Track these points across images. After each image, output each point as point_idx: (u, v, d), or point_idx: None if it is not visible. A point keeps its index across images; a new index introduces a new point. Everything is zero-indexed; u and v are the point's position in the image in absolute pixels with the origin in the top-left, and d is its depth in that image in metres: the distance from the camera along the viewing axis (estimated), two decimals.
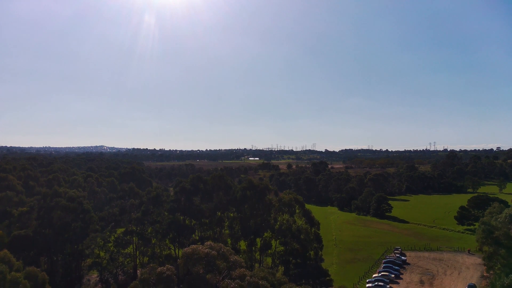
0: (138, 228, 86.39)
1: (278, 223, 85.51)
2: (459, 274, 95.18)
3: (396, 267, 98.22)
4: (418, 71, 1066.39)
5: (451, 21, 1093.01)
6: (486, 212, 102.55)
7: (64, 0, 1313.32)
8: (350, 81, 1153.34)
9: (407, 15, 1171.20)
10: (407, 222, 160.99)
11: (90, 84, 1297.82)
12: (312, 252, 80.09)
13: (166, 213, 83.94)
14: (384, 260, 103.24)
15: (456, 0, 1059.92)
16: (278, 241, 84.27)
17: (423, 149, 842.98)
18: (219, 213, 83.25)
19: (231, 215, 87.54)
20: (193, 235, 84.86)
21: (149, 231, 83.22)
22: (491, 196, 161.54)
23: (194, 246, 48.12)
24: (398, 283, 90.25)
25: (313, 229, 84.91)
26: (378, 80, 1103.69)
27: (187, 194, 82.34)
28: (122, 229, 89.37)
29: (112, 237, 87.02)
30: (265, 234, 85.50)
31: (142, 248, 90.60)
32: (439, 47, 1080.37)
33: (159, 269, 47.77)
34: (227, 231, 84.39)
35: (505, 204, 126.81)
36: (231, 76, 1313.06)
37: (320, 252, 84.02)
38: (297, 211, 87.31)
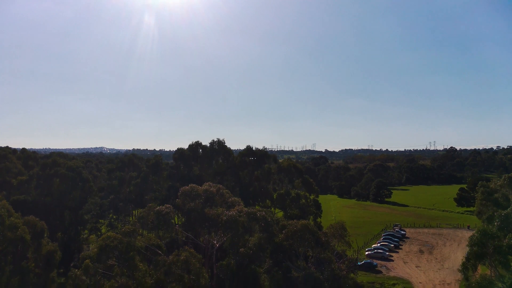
0: (137, 197, 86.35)
1: (277, 193, 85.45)
2: (458, 245, 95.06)
3: (396, 239, 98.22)
4: (418, 71, 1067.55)
5: (451, 21, 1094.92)
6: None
7: (64, 1, 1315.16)
8: (350, 82, 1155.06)
9: (407, 15, 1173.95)
10: (407, 206, 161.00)
11: (89, 85, 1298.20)
12: (311, 217, 79.95)
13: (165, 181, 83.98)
14: (384, 234, 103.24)
15: (456, 0, 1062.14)
16: (277, 209, 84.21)
17: (423, 149, 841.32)
18: (217, 179, 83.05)
19: (232, 184, 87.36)
20: None
21: (147, 198, 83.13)
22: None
23: (192, 185, 48.18)
24: (397, 252, 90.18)
25: (312, 195, 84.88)
26: (377, 80, 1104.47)
27: (186, 160, 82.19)
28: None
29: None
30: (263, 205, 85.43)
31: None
32: (439, 47, 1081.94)
33: (157, 207, 47.88)
34: None
35: None
36: (230, 77, 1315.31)
37: (319, 219, 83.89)
38: (295, 180, 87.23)
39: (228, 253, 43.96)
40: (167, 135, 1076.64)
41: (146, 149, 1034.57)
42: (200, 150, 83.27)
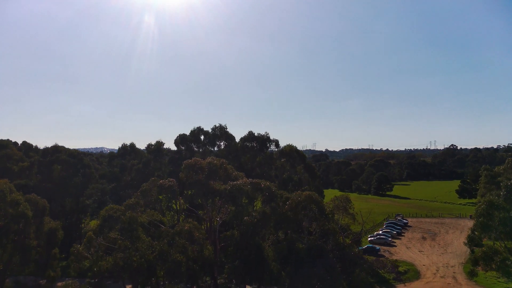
0: (139, 184, 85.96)
1: (279, 179, 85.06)
2: (460, 233, 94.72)
3: (398, 227, 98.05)
4: (418, 71, 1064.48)
5: (450, 21, 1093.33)
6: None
7: (64, 1, 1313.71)
8: (350, 81, 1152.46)
9: (407, 15, 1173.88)
10: (408, 198, 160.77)
11: (89, 85, 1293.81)
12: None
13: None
14: (386, 223, 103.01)
15: (456, 0, 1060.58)
16: None
17: (423, 148, 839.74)
18: None
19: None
20: None
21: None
22: None
23: (196, 158, 47.86)
24: (400, 239, 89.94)
25: (315, 183, 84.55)
26: (378, 80, 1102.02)
27: (188, 145, 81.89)
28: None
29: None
30: None
31: None
32: (439, 47, 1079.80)
33: (161, 181, 47.57)
34: None
35: None
36: (230, 76, 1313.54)
37: None
38: (298, 166, 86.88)
39: (232, 225, 43.60)
40: (167, 136, 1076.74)
41: None
42: (202, 136, 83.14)
